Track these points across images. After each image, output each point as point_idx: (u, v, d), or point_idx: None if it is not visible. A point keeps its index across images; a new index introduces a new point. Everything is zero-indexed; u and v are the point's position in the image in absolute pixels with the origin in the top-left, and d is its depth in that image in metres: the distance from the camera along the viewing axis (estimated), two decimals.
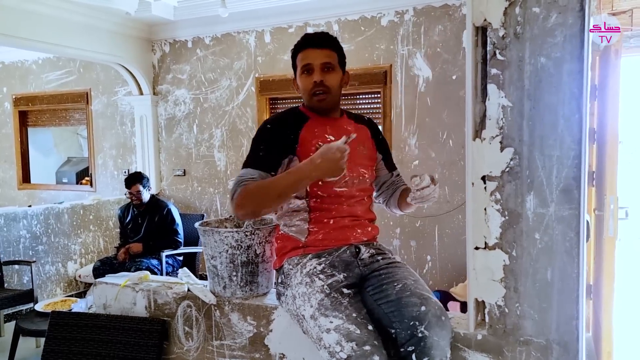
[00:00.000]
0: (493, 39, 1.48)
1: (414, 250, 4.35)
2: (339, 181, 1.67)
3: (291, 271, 1.67)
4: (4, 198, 6.34)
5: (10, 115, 6.29)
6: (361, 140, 1.77)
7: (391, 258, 1.72)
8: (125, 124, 5.60)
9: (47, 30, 4.38)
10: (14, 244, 4.25)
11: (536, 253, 1.48)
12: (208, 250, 1.85)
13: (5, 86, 6.31)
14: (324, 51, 1.67)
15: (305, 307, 1.55)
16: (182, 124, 5.30)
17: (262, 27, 4.84)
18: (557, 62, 1.41)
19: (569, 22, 1.38)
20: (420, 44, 4.16)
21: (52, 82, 6.00)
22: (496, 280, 1.53)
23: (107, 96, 5.69)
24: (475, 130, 1.55)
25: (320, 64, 1.66)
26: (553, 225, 1.46)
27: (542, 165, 1.45)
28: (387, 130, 4.28)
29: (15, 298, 3.62)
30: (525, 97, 1.45)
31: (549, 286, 1.48)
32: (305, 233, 1.70)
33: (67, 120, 6.10)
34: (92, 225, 4.91)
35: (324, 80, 1.66)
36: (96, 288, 2.09)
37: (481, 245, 1.54)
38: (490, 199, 1.52)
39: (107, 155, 5.72)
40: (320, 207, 1.69)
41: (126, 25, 5.03)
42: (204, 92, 5.17)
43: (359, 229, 1.73)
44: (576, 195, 1.42)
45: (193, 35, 5.17)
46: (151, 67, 5.41)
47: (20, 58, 6.15)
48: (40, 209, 4.50)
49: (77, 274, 4.73)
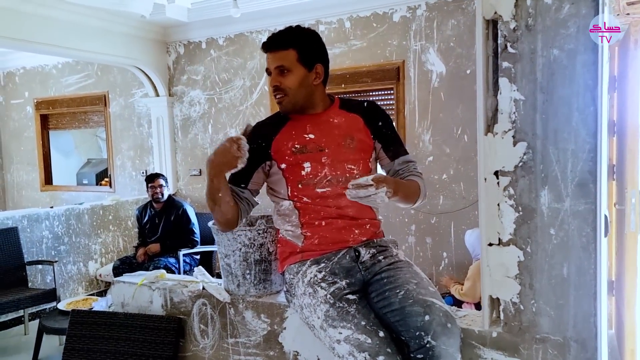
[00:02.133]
0: (504, 32, 1.45)
1: (429, 247, 4.32)
2: (318, 182, 1.64)
3: (293, 280, 1.65)
4: (27, 200, 6.47)
5: (32, 119, 6.41)
6: (348, 133, 1.68)
7: (393, 256, 1.65)
8: (142, 125, 5.67)
9: (64, 35, 4.46)
10: (37, 245, 4.34)
11: (551, 249, 1.46)
12: (222, 249, 1.86)
13: (27, 90, 6.45)
14: (277, 54, 1.63)
15: (313, 318, 1.54)
16: (197, 124, 5.35)
17: (274, 26, 4.84)
18: (570, 54, 1.38)
19: (582, 13, 1.35)
20: (433, 38, 4.12)
21: (72, 85, 6.10)
22: (511, 277, 1.51)
23: (124, 98, 5.77)
24: (488, 125, 1.53)
25: (275, 67, 1.64)
26: (568, 220, 1.43)
27: (557, 160, 1.43)
28: (401, 127, 4.26)
29: (39, 297, 3.70)
30: (538, 90, 1.43)
31: (566, 282, 1.45)
32: (301, 238, 1.67)
33: (86, 122, 6.20)
34: (111, 225, 4.99)
35: (279, 84, 1.64)
36: (114, 287, 2.12)
37: (495, 241, 1.52)
38: (503, 195, 1.50)
39: (125, 156, 5.80)
40: (308, 209, 1.66)
41: (141, 28, 5.09)
42: (218, 92, 5.21)
43: (357, 229, 1.67)
44: (592, 190, 1.39)
45: (207, 36, 5.20)
46: (166, 69, 5.46)
47: (40, 63, 6.26)
48: (61, 210, 4.59)
49: (97, 273, 4.81)
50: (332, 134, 1.68)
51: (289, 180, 1.68)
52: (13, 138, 6.60)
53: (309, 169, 1.65)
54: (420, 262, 4.36)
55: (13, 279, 3.85)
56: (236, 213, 1.65)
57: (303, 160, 1.66)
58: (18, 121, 6.54)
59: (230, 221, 1.65)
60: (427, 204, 4.29)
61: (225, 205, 1.61)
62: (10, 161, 6.65)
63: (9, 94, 6.60)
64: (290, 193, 1.68)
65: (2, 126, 6.69)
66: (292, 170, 1.67)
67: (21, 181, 6.59)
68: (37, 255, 4.31)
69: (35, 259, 4.25)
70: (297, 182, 1.67)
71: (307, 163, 1.65)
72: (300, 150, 1.66)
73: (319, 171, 1.65)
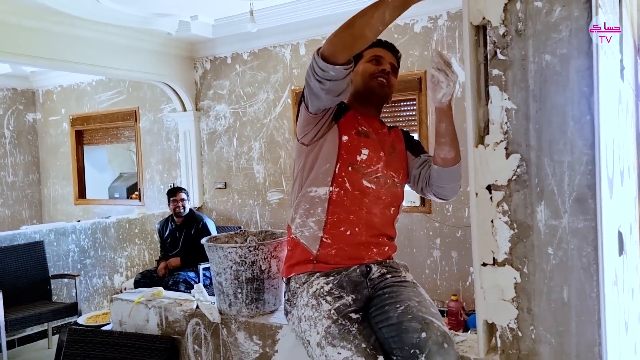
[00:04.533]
0: (493, 38, 1.36)
1: (455, 262, 4.16)
2: (367, 175, 1.59)
3: (298, 290, 1.59)
4: (62, 213, 6.69)
5: (68, 135, 6.65)
6: (393, 143, 1.72)
7: (401, 277, 1.59)
8: (170, 139, 5.77)
9: (95, 53, 4.62)
10: (64, 258, 4.45)
11: (550, 270, 1.34)
12: (213, 266, 1.83)
13: (63, 107, 6.70)
14: (394, 57, 1.75)
15: (312, 333, 1.47)
16: (223, 137, 5.39)
17: (297, 40, 4.85)
18: (563, 59, 1.27)
19: (574, 15, 1.25)
20: (455, 48, 4.01)
21: (105, 102, 6.29)
22: (507, 300, 1.40)
23: (153, 113, 5.90)
24: (480, 136, 1.43)
25: (389, 62, 1.72)
26: (567, 238, 1.31)
27: (553, 173, 1.32)
28: (424, 137, 4.14)
29: (61, 311, 3.77)
30: (531, 98, 1.33)
31: (566, 307, 1.33)
32: (318, 243, 1.58)
33: (118, 137, 6.36)
34: (137, 238, 5.07)
35: (388, 75, 1.69)
36: (113, 304, 2.12)
37: (489, 261, 1.42)
38: (497, 210, 1.39)
39: (154, 170, 5.91)
40: (341, 203, 1.57)
41: (169, 45, 5.20)
42: (242, 106, 5.24)
43: (375, 248, 1.61)
44: (591, 205, 1.27)
45: (232, 51, 5.26)
46: (193, 84, 5.55)
47: (76, 81, 6.51)
48: (87, 223, 4.70)
49: (122, 287, 4.88)
50: (385, 139, 1.71)
51: (342, 157, 1.59)
52: (50, 153, 6.86)
53: (365, 156, 1.61)
54: (446, 277, 4.21)
55: (38, 293, 3.95)
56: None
57: (364, 145, 1.62)
58: (55, 137, 6.80)
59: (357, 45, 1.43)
60: (452, 216, 4.15)
61: (373, 37, 1.44)
62: (47, 176, 6.91)
63: (47, 111, 6.88)
64: (337, 171, 1.58)
65: (40, 142, 6.97)
66: (349, 148, 1.61)
67: (57, 195, 6.82)
68: (63, 268, 4.42)
69: (61, 272, 4.35)
70: (349, 163, 1.60)
71: (366, 150, 1.62)
72: (365, 134, 1.64)
73: (373, 163, 1.62)
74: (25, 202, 6.81)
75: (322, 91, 1.46)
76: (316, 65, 1.42)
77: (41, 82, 6.81)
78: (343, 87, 1.47)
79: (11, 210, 6.67)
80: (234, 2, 4.16)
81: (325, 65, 1.41)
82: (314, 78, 1.45)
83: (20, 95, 6.85)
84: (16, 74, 6.48)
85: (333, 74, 1.41)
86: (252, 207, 5.24)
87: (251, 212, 5.24)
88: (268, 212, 5.15)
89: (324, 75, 1.42)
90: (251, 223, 5.24)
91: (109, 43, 4.71)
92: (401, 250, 4.45)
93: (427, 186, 1.70)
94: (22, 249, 3.98)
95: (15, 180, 6.73)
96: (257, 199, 5.20)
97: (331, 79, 1.43)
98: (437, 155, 1.62)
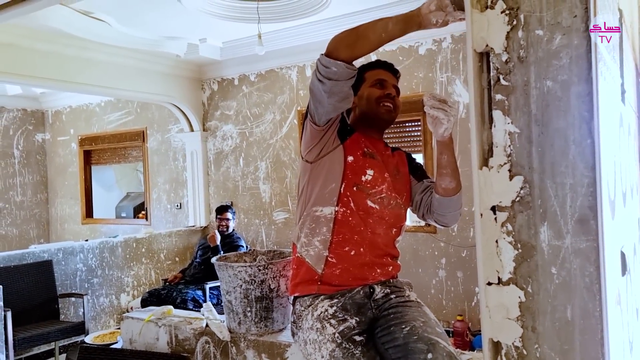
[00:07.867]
0: (496, 64, 1.42)
1: (460, 282, 4.17)
2: (372, 195, 1.62)
3: (303, 312, 1.61)
4: (69, 233, 6.74)
5: (76, 155, 6.73)
6: (396, 166, 1.75)
7: (405, 297, 1.61)
8: (178, 159, 5.84)
9: (105, 75, 4.72)
10: (71, 277, 4.48)
11: (554, 289, 1.37)
12: (223, 285, 1.86)
13: (72, 128, 6.80)
14: (395, 79, 1.77)
15: (317, 356, 1.49)
16: (230, 157, 5.46)
17: (303, 61, 4.94)
18: (564, 85, 1.32)
19: (574, 43, 1.30)
20: (459, 70, 4.08)
21: (113, 122, 6.39)
22: (512, 318, 1.42)
23: (161, 134, 5.98)
24: (484, 158, 1.48)
25: (393, 85, 1.74)
26: (570, 258, 1.34)
27: (555, 194, 1.36)
28: (429, 158, 4.18)
29: (68, 330, 3.79)
30: (533, 123, 1.37)
31: (570, 326, 1.35)
32: (323, 262, 1.60)
33: (126, 157, 6.45)
34: (144, 257, 5.10)
35: (394, 99, 1.72)
36: (123, 323, 2.15)
37: (494, 280, 1.45)
38: (501, 231, 1.43)
39: (160, 189, 5.97)
40: (346, 223, 1.60)
41: (177, 67, 5.31)
42: (249, 126, 5.32)
43: (379, 269, 1.64)
44: (593, 226, 1.31)
45: (239, 72, 5.36)
46: (201, 105, 5.64)
47: (85, 102, 6.62)
48: (95, 243, 4.74)
49: (129, 306, 4.89)
50: (389, 161, 1.73)
51: (347, 177, 1.62)
52: (58, 173, 6.94)
53: (369, 177, 1.64)
54: (451, 297, 4.21)
55: (46, 312, 3.97)
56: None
57: (369, 166, 1.65)
58: (63, 157, 6.89)
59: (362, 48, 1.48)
60: (457, 236, 4.17)
61: (375, 41, 1.47)
62: (55, 195, 6.98)
63: (56, 131, 6.98)
64: (342, 191, 1.61)
65: (48, 162, 7.06)
66: (354, 169, 1.63)
67: (64, 214, 6.89)
68: (70, 287, 4.44)
69: (69, 291, 4.37)
70: (354, 183, 1.62)
71: (371, 170, 1.64)
72: (371, 155, 1.67)
73: (377, 183, 1.65)
74: (33, 222, 6.88)
75: (324, 94, 1.50)
76: (319, 63, 1.48)
77: (51, 103, 6.93)
78: (345, 90, 1.51)
79: (19, 229, 6.74)
80: (242, 26, 4.26)
81: (327, 60, 1.45)
82: (317, 78, 1.49)
83: (30, 116, 6.97)
84: (26, 94, 6.61)
85: (335, 69, 1.45)
86: (258, 227, 5.27)
87: (257, 231, 5.28)
88: (274, 232, 5.18)
89: (326, 73, 1.46)
90: (257, 242, 5.27)
91: (118, 65, 4.83)
92: (407, 269, 4.47)
93: (428, 213, 1.74)
94: (31, 268, 4.02)
95: (23, 200, 6.81)
96: (263, 218, 5.24)
97: (332, 78, 1.47)
98: (438, 186, 1.67)
